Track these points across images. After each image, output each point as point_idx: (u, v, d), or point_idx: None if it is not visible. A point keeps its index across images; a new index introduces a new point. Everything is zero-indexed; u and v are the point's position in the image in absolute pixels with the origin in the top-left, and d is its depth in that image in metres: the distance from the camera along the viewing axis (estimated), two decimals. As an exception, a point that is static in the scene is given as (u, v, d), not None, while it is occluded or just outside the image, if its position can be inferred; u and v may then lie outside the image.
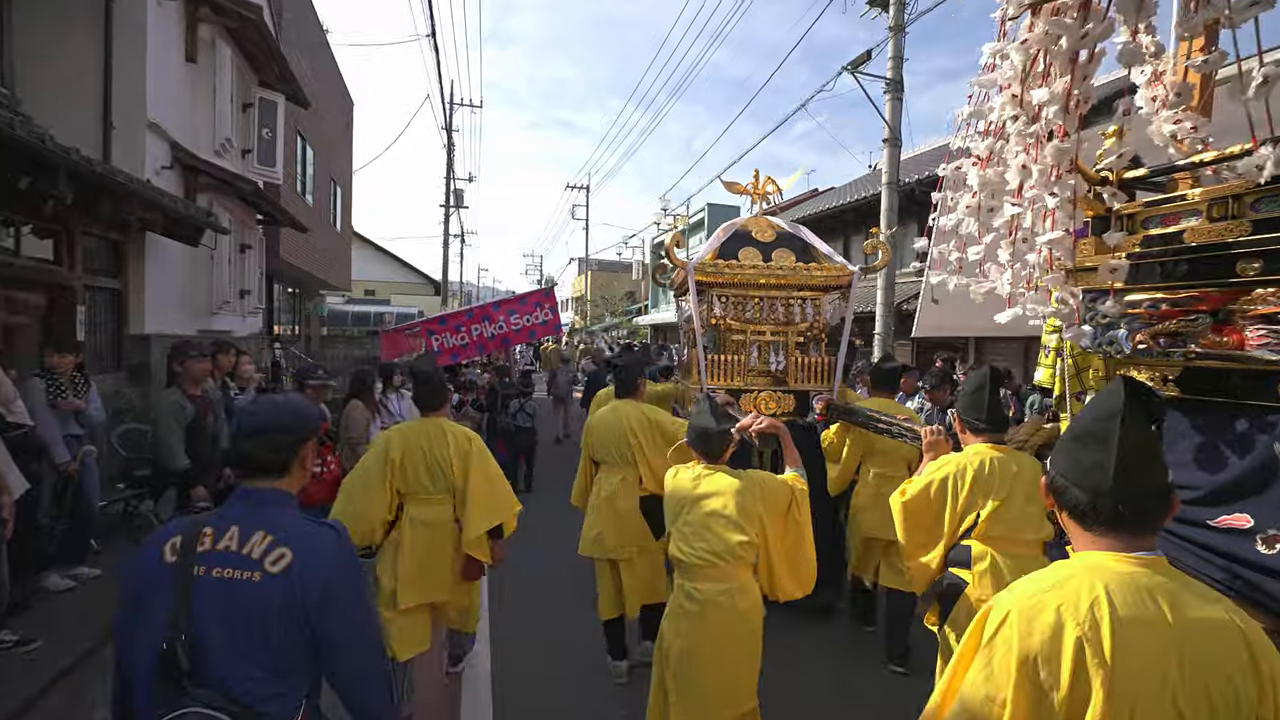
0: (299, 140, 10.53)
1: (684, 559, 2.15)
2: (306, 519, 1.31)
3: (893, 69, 8.59)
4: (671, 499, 2.26)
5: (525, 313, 7.56)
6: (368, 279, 28.59)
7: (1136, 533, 0.97)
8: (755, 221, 4.25)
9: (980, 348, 10.04)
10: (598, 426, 3.31)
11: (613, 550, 3.14)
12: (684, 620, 2.13)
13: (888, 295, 8.63)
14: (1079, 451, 1.03)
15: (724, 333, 4.05)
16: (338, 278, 14.50)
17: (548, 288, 8.11)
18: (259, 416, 1.30)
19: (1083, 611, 0.90)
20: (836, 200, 14.29)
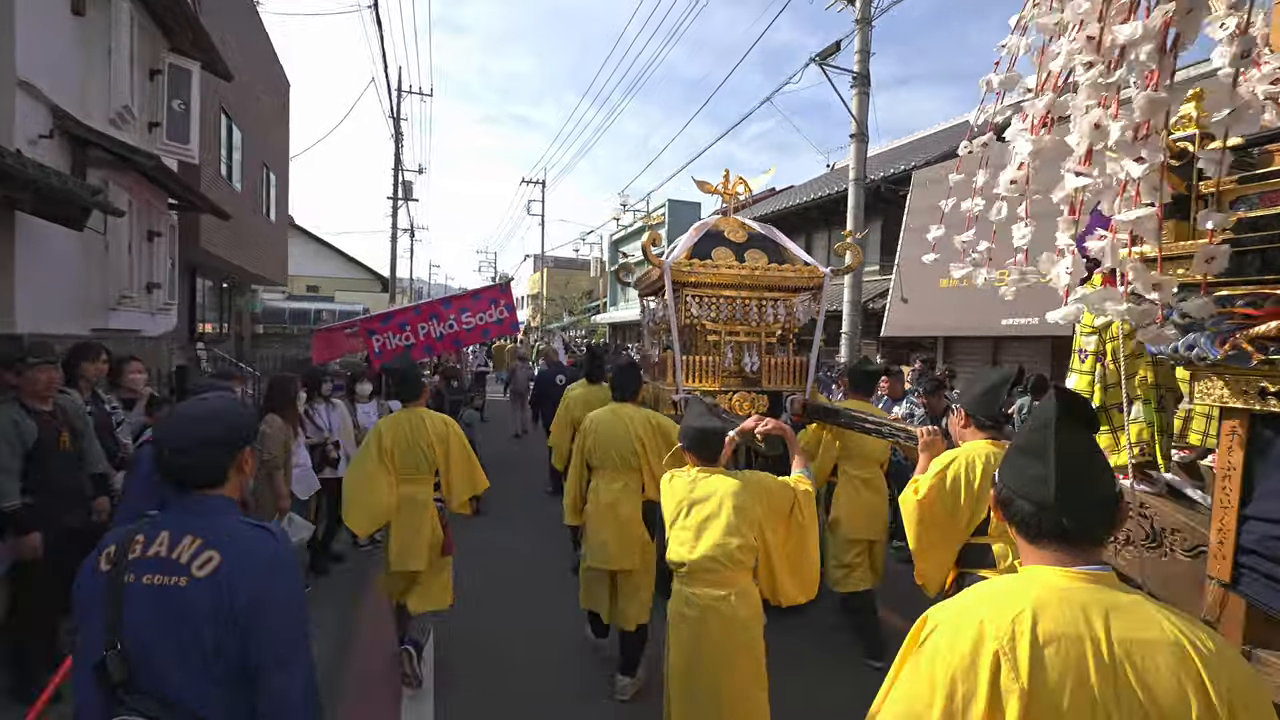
0: (223, 118, 9.58)
1: (682, 563, 2.12)
2: (245, 522, 1.25)
3: (859, 63, 8.50)
4: (669, 503, 2.22)
5: (479, 310, 6.84)
6: (310, 274, 27.26)
7: (1082, 545, 0.95)
8: (727, 221, 4.27)
9: (949, 347, 9.90)
10: (597, 431, 3.15)
11: (616, 560, 3.05)
12: (684, 627, 2.11)
13: (855, 293, 8.52)
14: (1023, 464, 1.02)
15: (698, 333, 4.01)
16: (272, 272, 13.47)
17: (503, 283, 7.34)
18: (188, 429, 1.23)
19: (1004, 626, 0.88)
20: (797, 198, 14.12)
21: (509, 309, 7.02)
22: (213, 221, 8.53)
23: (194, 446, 1.23)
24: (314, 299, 21.67)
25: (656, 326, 4.69)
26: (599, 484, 3.16)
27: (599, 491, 3.14)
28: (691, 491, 2.18)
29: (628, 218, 24.65)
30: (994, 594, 0.96)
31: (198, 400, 1.34)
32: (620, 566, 3.07)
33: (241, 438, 1.30)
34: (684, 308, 3.93)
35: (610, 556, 3.05)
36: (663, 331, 4.40)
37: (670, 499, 2.24)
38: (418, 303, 7.57)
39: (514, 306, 7.13)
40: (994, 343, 8.95)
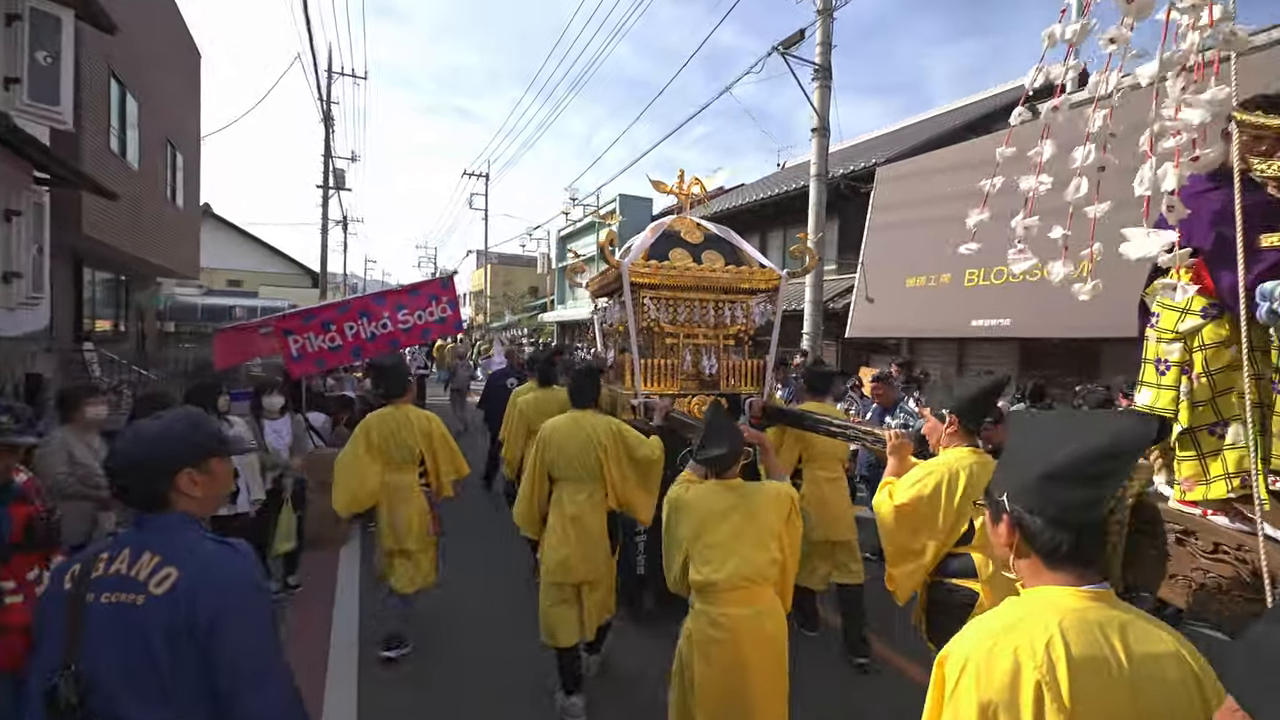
0: (114, 83, 8.34)
1: (710, 583, 2.05)
2: (208, 538, 1.23)
3: (821, 55, 8.37)
4: (685, 519, 2.14)
5: (417, 307, 5.94)
6: (231, 268, 25.37)
7: (1089, 564, 0.96)
8: (683, 222, 4.24)
9: (914, 349, 9.70)
10: (557, 439, 3.02)
11: (581, 574, 2.98)
12: (714, 649, 2.05)
13: (816, 293, 8.34)
14: (1061, 491, 0.96)
15: (656, 336, 3.95)
16: (181, 263, 12.08)
17: (445, 277, 6.46)
18: (124, 452, 1.24)
19: (1039, 654, 0.88)
20: (751, 196, 13.88)
21: (452, 306, 6.15)
22: (99, 203, 7.36)
23: (127, 470, 1.22)
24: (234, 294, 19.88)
25: (611, 328, 4.52)
26: (561, 495, 3.03)
27: (562, 504, 3.01)
28: (714, 505, 2.12)
29: (577, 213, 23.87)
30: (1016, 622, 0.94)
31: (149, 419, 1.29)
32: (585, 579, 3.00)
33: (177, 460, 1.25)
34: (641, 310, 3.83)
35: (574, 570, 2.97)
36: (618, 333, 4.26)
37: (687, 516, 2.14)
38: (345, 299, 6.46)
39: (457, 303, 6.32)
40: (960, 344, 8.83)
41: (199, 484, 1.27)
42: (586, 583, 3.02)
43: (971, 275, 7.65)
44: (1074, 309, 6.48)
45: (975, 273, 7.62)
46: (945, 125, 10.99)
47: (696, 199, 4.49)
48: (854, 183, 10.38)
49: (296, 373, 5.46)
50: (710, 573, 2.05)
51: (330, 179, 18.87)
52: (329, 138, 17.82)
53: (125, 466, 1.22)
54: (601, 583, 3.07)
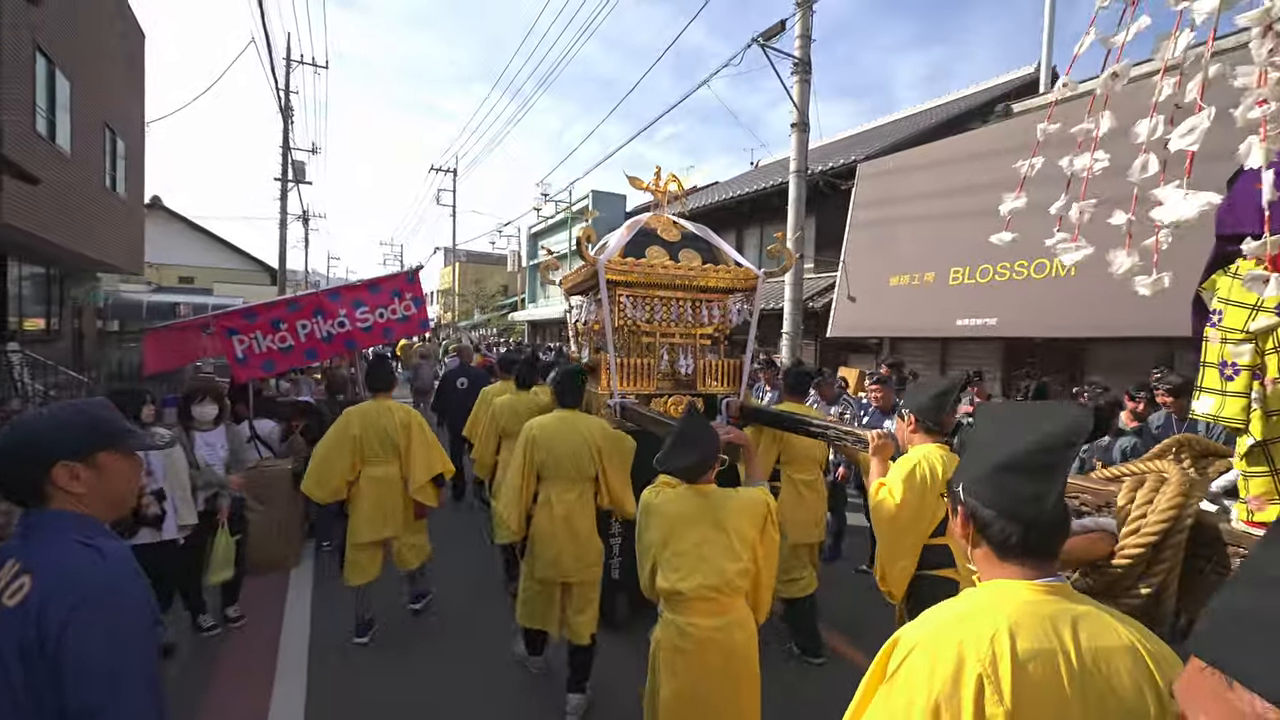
0: (40, 59, 7.64)
1: (677, 592, 2.00)
2: (79, 540, 1.11)
3: (801, 48, 8.18)
4: (654, 526, 2.10)
5: (378, 304, 5.44)
6: (183, 264, 24.27)
7: (1047, 559, 0.96)
8: (659, 219, 4.20)
9: (895, 348, 9.54)
10: (546, 439, 3.00)
11: (572, 573, 2.97)
12: (679, 660, 1.99)
13: (796, 291, 8.14)
14: (1014, 483, 0.97)
15: (632, 335, 3.90)
16: (123, 257, 11.29)
17: (410, 271, 5.87)
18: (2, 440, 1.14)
19: (984, 648, 0.87)
20: (726, 193, 13.70)
21: (417, 303, 5.58)
22: (22, 189, 6.69)
23: (2, 457, 1.13)
24: (186, 291, 18.78)
25: (585, 327, 4.42)
26: (550, 495, 2.99)
27: (551, 504, 2.98)
28: (682, 511, 2.07)
29: (549, 209, 23.36)
30: (966, 613, 0.94)
31: (35, 411, 1.25)
32: (577, 579, 2.99)
33: (54, 450, 1.15)
34: (618, 308, 3.77)
35: (566, 570, 2.96)
36: (593, 332, 4.21)
37: (656, 521, 2.09)
38: (295, 295, 5.83)
39: (424, 300, 5.81)
40: (943, 344, 8.73)
41: (81, 479, 1.16)
42: (576, 582, 3.01)
43: (956, 274, 7.54)
44: (1059, 309, 6.35)
45: (960, 271, 7.52)
46: (923, 123, 10.96)
47: (673, 196, 4.42)
48: (833, 180, 10.22)
49: (242, 376, 4.99)
50: (677, 581, 2.00)
51: (289, 172, 17.98)
52: (288, 129, 17.06)
53: (1, 454, 1.13)
54: (590, 583, 3.06)
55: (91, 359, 11.44)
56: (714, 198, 13.80)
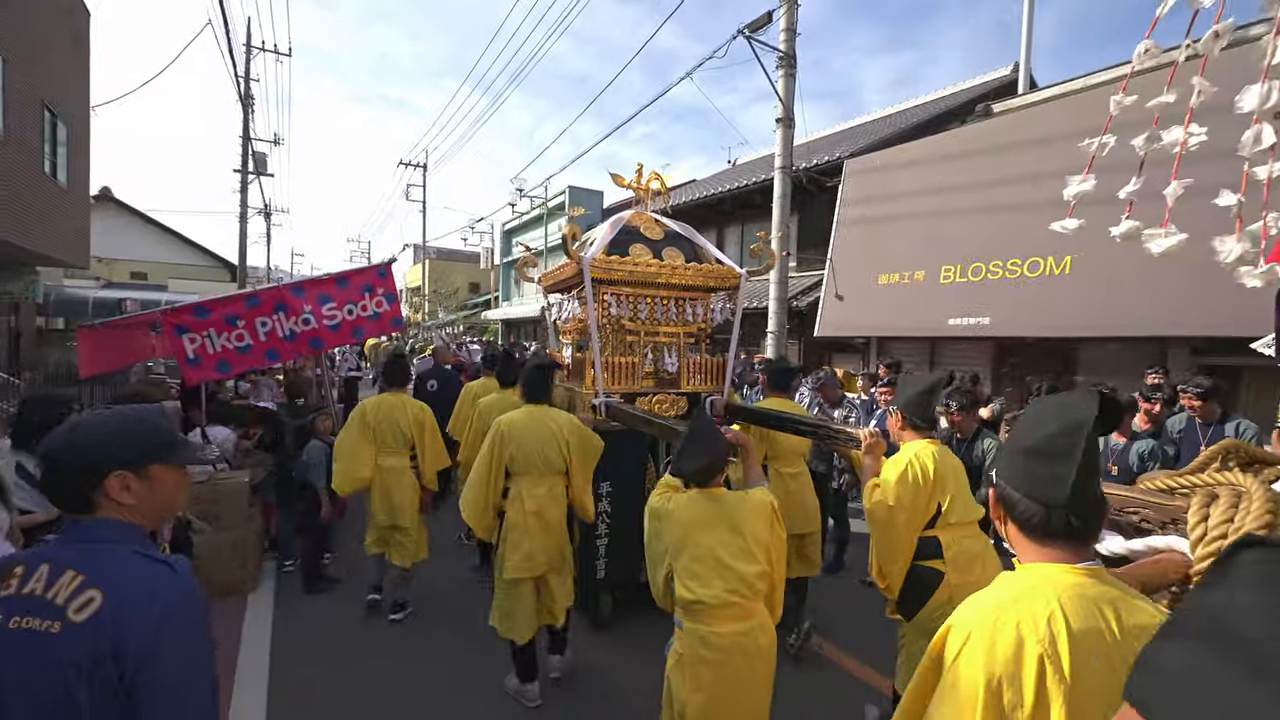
0: (-34, 34, 6.97)
1: (699, 600, 1.97)
2: (139, 553, 1.09)
3: (786, 41, 8.16)
4: (669, 531, 2.07)
5: (347, 300, 5.08)
6: (136, 259, 23.16)
7: (1083, 542, 1.02)
8: (642, 218, 4.24)
9: (883, 348, 9.47)
10: (517, 435, 3.02)
11: (544, 566, 3.02)
12: (705, 670, 1.97)
13: (781, 290, 8.02)
14: (1034, 465, 1.04)
15: (616, 333, 3.93)
16: (66, 250, 10.61)
17: (382, 265, 5.51)
18: (49, 444, 1.12)
19: (1041, 628, 0.92)
20: (702, 191, 13.68)
21: (389, 299, 5.24)
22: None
23: (54, 463, 1.10)
24: (136, 287, 17.79)
25: (567, 325, 4.42)
26: (521, 490, 3.02)
27: (522, 499, 3.01)
28: (696, 516, 2.05)
29: (524, 205, 22.84)
30: (1016, 596, 0.99)
31: (94, 413, 1.19)
32: (547, 570, 3.04)
33: (108, 460, 1.11)
34: (602, 306, 3.80)
35: (538, 564, 3.00)
36: (575, 330, 4.25)
37: (670, 528, 2.08)
38: (254, 289, 5.28)
39: (396, 296, 5.39)
40: (932, 344, 8.64)
41: (133, 491, 1.13)
42: (549, 574, 3.04)
43: (947, 272, 7.47)
44: (1053, 308, 6.26)
45: (951, 269, 7.45)
46: (902, 123, 10.91)
47: (655, 193, 4.44)
48: (818, 177, 10.08)
49: (194, 378, 4.59)
50: (698, 589, 1.97)
51: (250, 163, 17.14)
52: (248, 118, 16.29)
53: (53, 459, 1.11)
54: (563, 569, 3.12)
55: (29, 359, 10.67)
56: (692, 195, 13.61)
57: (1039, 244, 6.46)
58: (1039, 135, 6.82)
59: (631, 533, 3.68)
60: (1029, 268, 6.61)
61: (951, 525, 2.31)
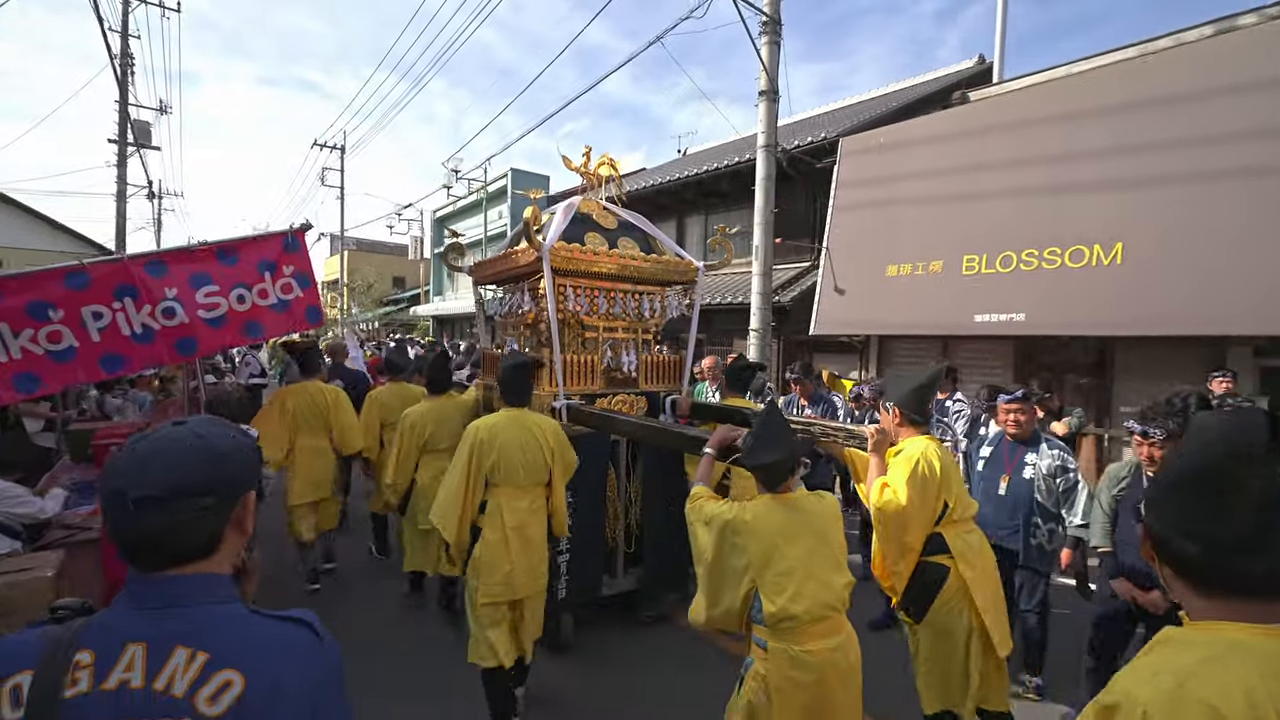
0: None
1: (790, 616, 1.90)
2: (258, 614, 0.90)
3: (771, 4, 7.37)
4: (755, 543, 1.97)
5: (238, 280, 3.66)
6: (-10, 244, 19.71)
7: (1273, 598, 0.85)
8: (592, 205, 4.13)
9: (885, 349, 8.76)
10: (497, 441, 2.86)
11: (525, 589, 2.89)
12: (798, 694, 1.90)
13: (765, 284, 7.50)
14: (1187, 498, 0.90)
15: (572, 329, 3.84)
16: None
17: (291, 232, 3.94)
18: (162, 470, 0.86)
19: (1239, 710, 0.76)
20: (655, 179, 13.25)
21: (303, 282, 3.90)
22: None
23: (171, 495, 0.85)
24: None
25: (510, 320, 4.25)
26: (500, 504, 2.87)
27: (501, 513, 2.86)
28: (781, 526, 1.97)
29: (461, 189, 21.10)
30: (1198, 667, 0.83)
31: (171, 428, 0.94)
32: (529, 593, 2.91)
33: (242, 482, 0.95)
34: (560, 300, 3.66)
35: (518, 586, 2.86)
36: (525, 326, 4.11)
37: (754, 541, 1.97)
38: (82, 261, 3.38)
39: (313, 279, 4.05)
40: (944, 343, 7.96)
41: (250, 518, 0.97)
42: (527, 597, 2.93)
43: (971, 262, 6.82)
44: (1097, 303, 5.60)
45: (975, 259, 6.80)
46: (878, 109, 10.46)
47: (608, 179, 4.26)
48: (805, 158, 9.30)
49: None
50: (788, 604, 1.89)
51: (128, 133, 14.76)
52: (126, 80, 14.14)
53: (171, 488, 0.85)
54: (540, 595, 3.03)
55: None
56: (650, 181, 12.84)
57: (1083, 230, 5.94)
58: (1076, 109, 6.28)
59: (592, 546, 3.71)
60: (1071, 257, 6.02)
61: (954, 521, 2.38)
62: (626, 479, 3.97)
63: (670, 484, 3.80)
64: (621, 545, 3.93)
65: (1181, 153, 5.46)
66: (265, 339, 4.43)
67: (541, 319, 3.70)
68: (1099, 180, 5.96)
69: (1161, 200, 5.53)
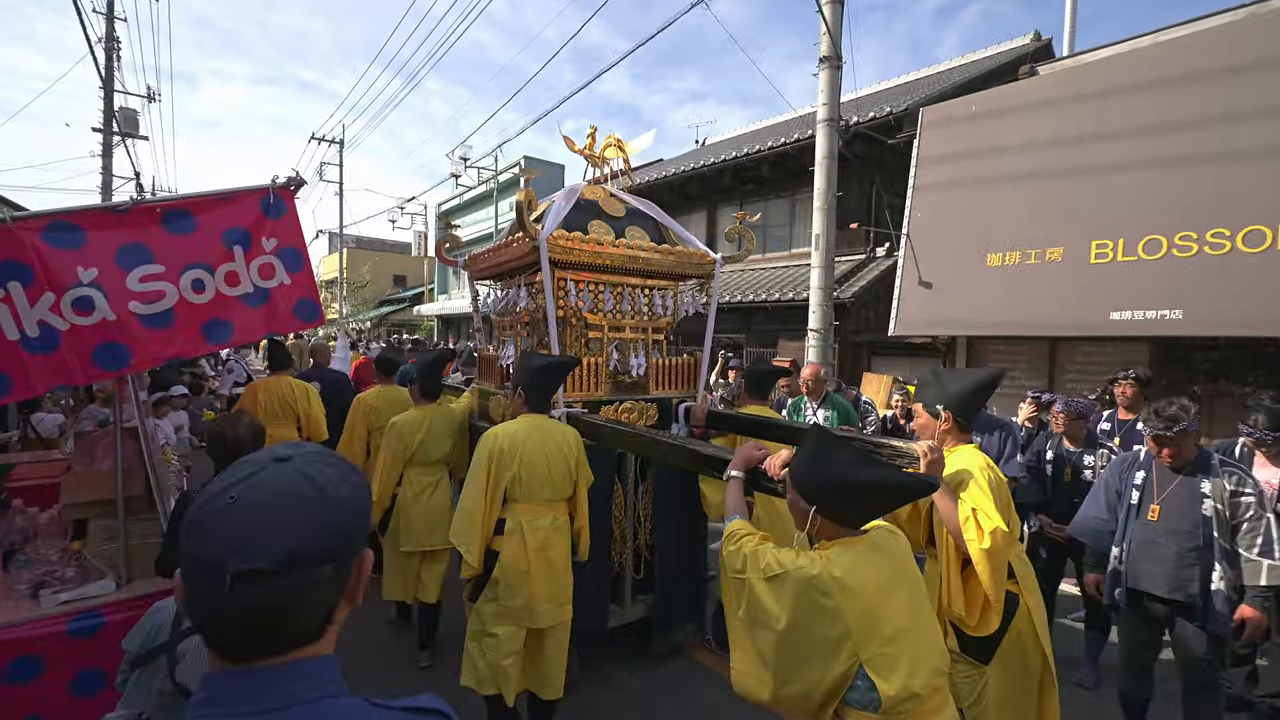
0: None
1: (912, 695, 1.61)
2: (379, 707, 0.80)
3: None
4: (852, 604, 1.62)
5: (192, 259, 2.76)
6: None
7: None
8: (597, 190, 4.08)
9: (975, 352, 8.05)
10: (522, 451, 2.80)
11: (549, 616, 2.83)
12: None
13: (826, 278, 7.23)
14: None
15: (574, 328, 3.74)
16: None
17: (273, 189, 2.98)
18: (274, 532, 0.72)
19: None
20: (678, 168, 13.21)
21: (292, 261, 3.04)
22: None
23: (287, 568, 0.71)
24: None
25: (508, 318, 4.23)
26: (521, 522, 2.82)
27: (523, 532, 2.80)
28: (879, 580, 1.67)
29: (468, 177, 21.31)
30: None
31: (275, 468, 0.78)
32: (550, 622, 2.85)
33: (361, 540, 0.83)
34: (561, 294, 3.62)
35: (538, 614, 2.80)
36: (522, 325, 4.07)
37: (851, 601, 1.62)
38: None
39: (305, 258, 3.14)
40: (1050, 346, 7.25)
41: (360, 585, 0.84)
42: (548, 627, 2.87)
43: (1103, 248, 6.13)
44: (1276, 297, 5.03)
45: (1109, 244, 6.09)
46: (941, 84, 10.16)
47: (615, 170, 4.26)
48: (872, 133, 9.15)
49: None
50: (908, 680, 1.59)
51: (114, 121, 15.28)
52: (111, 65, 14.49)
53: (283, 559, 0.71)
54: (565, 625, 2.96)
55: None
56: (668, 171, 12.95)
57: (1261, 207, 5.29)
58: (1248, 57, 5.56)
59: (597, 571, 3.59)
60: (1246, 240, 5.33)
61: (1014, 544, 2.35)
62: (635, 495, 3.88)
63: (685, 501, 3.68)
64: (630, 570, 3.82)
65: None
66: (233, 344, 3.25)
67: (539, 317, 3.64)
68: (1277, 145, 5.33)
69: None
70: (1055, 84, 7.09)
